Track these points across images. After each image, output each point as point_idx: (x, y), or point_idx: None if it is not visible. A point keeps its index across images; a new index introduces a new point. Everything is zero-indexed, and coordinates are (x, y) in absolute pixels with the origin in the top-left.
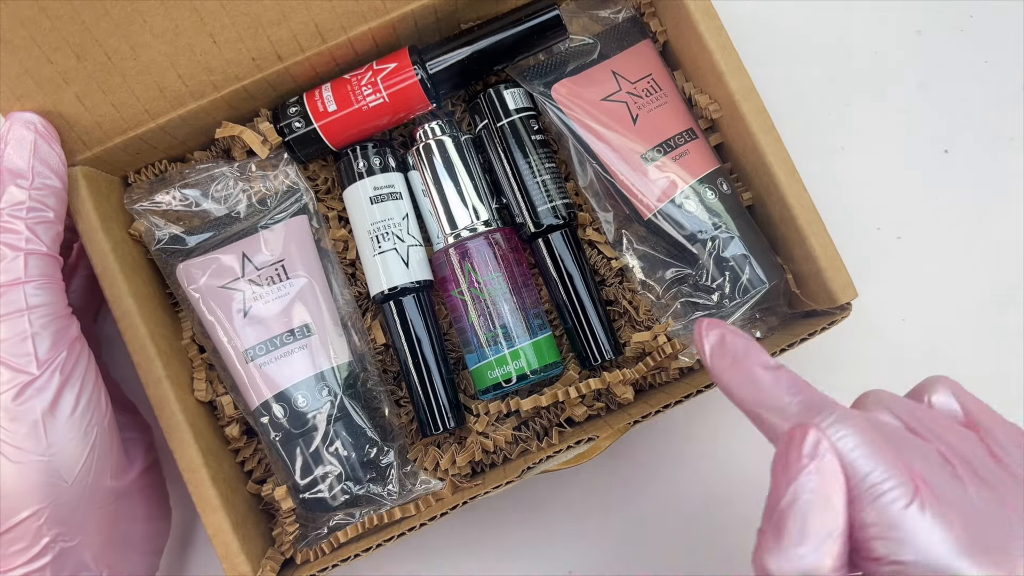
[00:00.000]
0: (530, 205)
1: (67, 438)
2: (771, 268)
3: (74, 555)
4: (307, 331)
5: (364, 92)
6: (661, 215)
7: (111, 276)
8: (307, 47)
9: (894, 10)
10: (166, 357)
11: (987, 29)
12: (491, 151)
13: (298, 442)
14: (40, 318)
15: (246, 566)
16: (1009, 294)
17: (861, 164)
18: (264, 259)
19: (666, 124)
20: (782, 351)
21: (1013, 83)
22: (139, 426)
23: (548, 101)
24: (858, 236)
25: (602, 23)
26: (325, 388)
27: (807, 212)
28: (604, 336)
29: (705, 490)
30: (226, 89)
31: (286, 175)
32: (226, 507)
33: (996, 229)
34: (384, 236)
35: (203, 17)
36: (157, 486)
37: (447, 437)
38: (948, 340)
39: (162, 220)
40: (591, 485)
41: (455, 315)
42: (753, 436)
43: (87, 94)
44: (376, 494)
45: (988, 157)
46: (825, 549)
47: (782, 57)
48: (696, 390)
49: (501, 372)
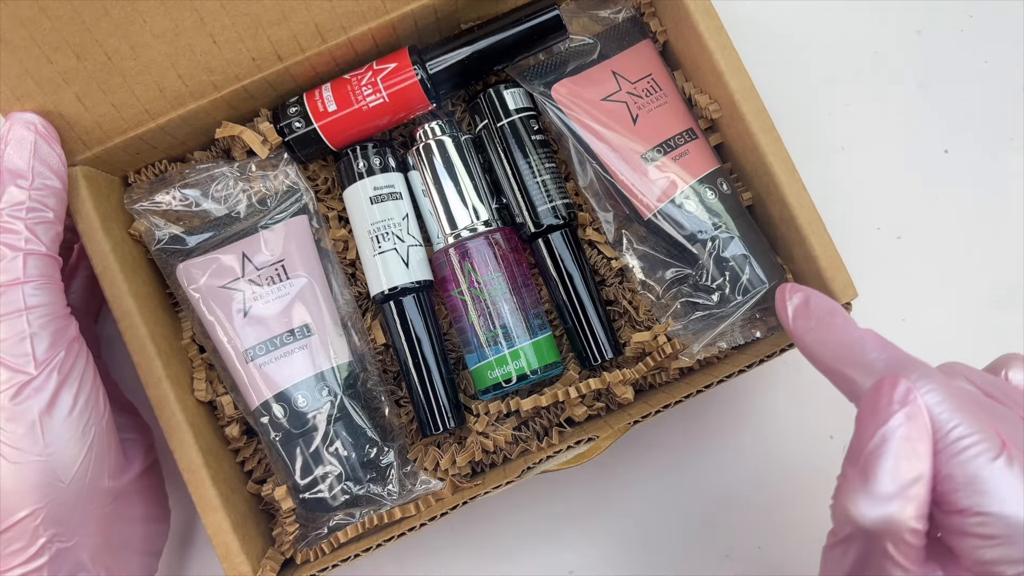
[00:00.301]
0: (530, 205)
1: (64, 438)
2: (771, 268)
3: (71, 556)
4: (307, 331)
5: (364, 92)
6: (661, 215)
7: (111, 276)
8: (307, 47)
9: (894, 10)
10: (166, 357)
11: (987, 29)
12: (491, 151)
13: (298, 442)
14: (39, 318)
15: (246, 566)
16: (1009, 294)
17: (861, 164)
18: (264, 259)
19: (666, 124)
20: (782, 351)
21: (1013, 83)
22: (138, 427)
23: (548, 101)
24: (858, 236)
25: (602, 23)
26: (325, 388)
27: (807, 212)
28: (604, 336)
29: (705, 490)
30: (226, 89)
31: (286, 175)
32: (226, 507)
33: (996, 229)
34: (384, 236)
35: (203, 17)
36: (156, 487)
37: (447, 437)
38: (948, 340)
39: (162, 220)
40: (591, 485)
41: (455, 315)
42: (753, 436)
43: (87, 94)
44: (376, 494)
45: (988, 157)
46: (911, 493)
47: (782, 57)
48: (696, 390)
49: (501, 372)
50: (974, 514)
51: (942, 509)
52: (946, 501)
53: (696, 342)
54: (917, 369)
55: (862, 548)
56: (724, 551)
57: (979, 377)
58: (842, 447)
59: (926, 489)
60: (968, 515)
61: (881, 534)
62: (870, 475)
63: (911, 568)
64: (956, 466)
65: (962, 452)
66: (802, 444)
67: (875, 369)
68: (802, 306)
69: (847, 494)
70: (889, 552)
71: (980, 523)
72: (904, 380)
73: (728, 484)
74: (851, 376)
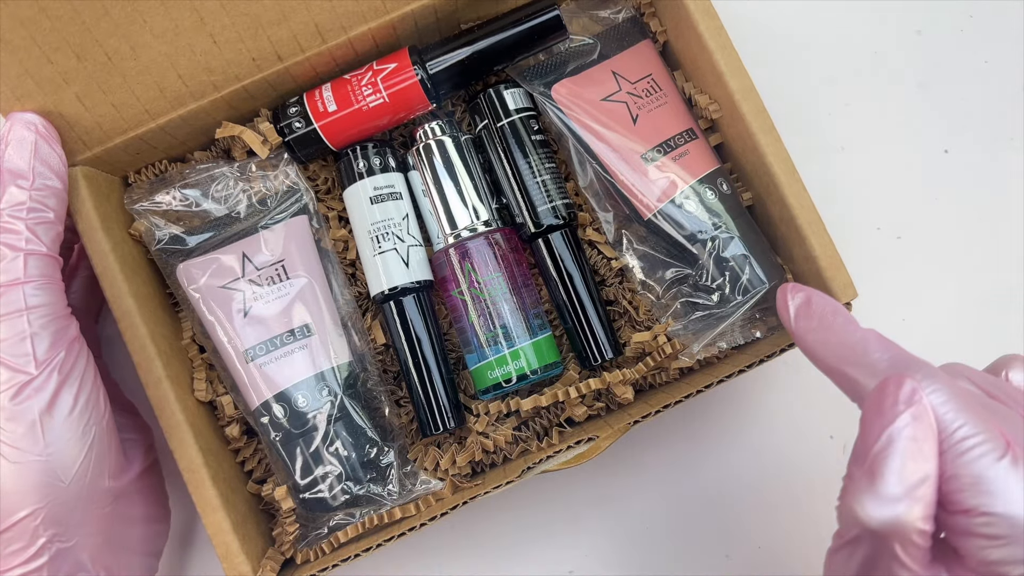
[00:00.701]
0: (530, 205)
1: (65, 438)
2: (771, 268)
3: (71, 556)
4: (307, 331)
5: (364, 92)
6: (661, 215)
7: (111, 276)
8: (307, 47)
9: (894, 10)
10: (166, 357)
11: (987, 29)
12: (491, 151)
13: (298, 442)
14: (39, 318)
15: (246, 566)
16: (1009, 294)
17: (861, 164)
18: (264, 259)
19: (666, 124)
20: (782, 351)
21: (1013, 83)
22: (138, 427)
23: (548, 101)
24: (858, 236)
25: (602, 23)
26: (325, 388)
27: (807, 212)
28: (604, 336)
29: (705, 490)
30: (226, 89)
31: (286, 175)
32: (226, 507)
33: (996, 229)
34: (384, 236)
35: (203, 17)
36: (156, 488)
37: (447, 437)
38: (948, 340)
39: (162, 220)
40: (591, 485)
41: (455, 315)
42: (753, 436)
43: (87, 94)
44: (376, 494)
45: (988, 157)
46: (918, 494)
47: (782, 57)
48: (696, 390)
49: (501, 372)
50: (979, 514)
51: (947, 509)
52: (951, 501)
53: (696, 342)
54: (921, 369)
55: (869, 550)
56: (724, 551)
57: (980, 378)
58: (843, 447)
59: (933, 489)
60: (973, 515)
61: (889, 535)
62: (877, 476)
63: (918, 570)
64: (961, 466)
65: (967, 452)
66: (802, 444)
67: (878, 369)
68: (804, 306)
69: (854, 495)
70: (897, 553)
71: (985, 523)
72: (909, 380)
73: (728, 484)
74: (854, 376)
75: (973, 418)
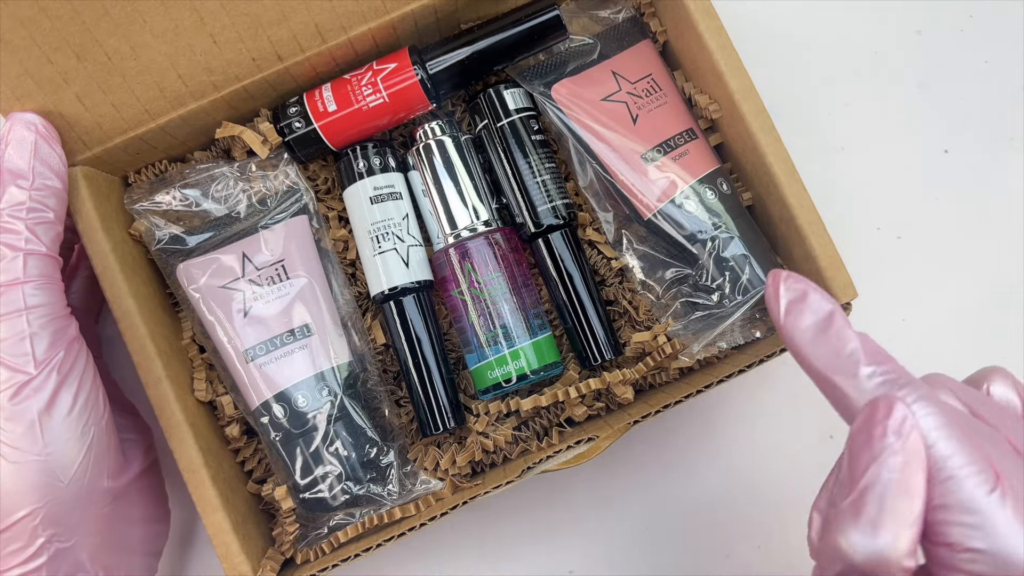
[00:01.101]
0: (530, 205)
1: (64, 438)
2: (771, 268)
3: (70, 556)
4: (307, 331)
5: (364, 92)
6: (661, 215)
7: (111, 276)
8: (307, 47)
9: (894, 10)
10: (166, 357)
11: (987, 29)
12: (491, 151)
13: (298, 442)
14: (38, 318)
15: (246, 566)
16: (1009, 294)
17: (861, 164)
18: (264, 259)
19: (666, 124)
20: (782, 351)
21: (1013, 83)
22: (138, 428)
23: (548, 101)
24: (858, 236)
25: (602, 23)
26: (325, 388)
27: (807, 212)
28: (604, 336)
29: (705, 490)
30: (226, 89)
31: (286, 175)
32: (226, 507)
33: (996, 229)
34: (384, 236)
35: (203, 17)
36: (155, 488)
37: (447, 437)
38: (948, 340)
39: (162, 220)
40: (591, 485)
41: (455, 315)
42: (753, 436)
43: (87, 94)
44: (376, 494)
45: (988, 157)
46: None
47: (782, 57)
48: (696, 390)
49: (501, 372)
50: (964, 550)
51: (931, 540)
52: (936, 532)
53: (696, 342)
54: (914, 390)
55: None
56: (724, 551)
57: (963, 392)
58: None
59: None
60: (958, 550)
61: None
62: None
63: None
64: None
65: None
66: (802, 444)
67: (868, 386)
68: (798, 300)
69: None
70: None
71: (970, 559)
72: (900, 406)
73: (728, 484)
74: (842, 388)
75: (964, 447)
